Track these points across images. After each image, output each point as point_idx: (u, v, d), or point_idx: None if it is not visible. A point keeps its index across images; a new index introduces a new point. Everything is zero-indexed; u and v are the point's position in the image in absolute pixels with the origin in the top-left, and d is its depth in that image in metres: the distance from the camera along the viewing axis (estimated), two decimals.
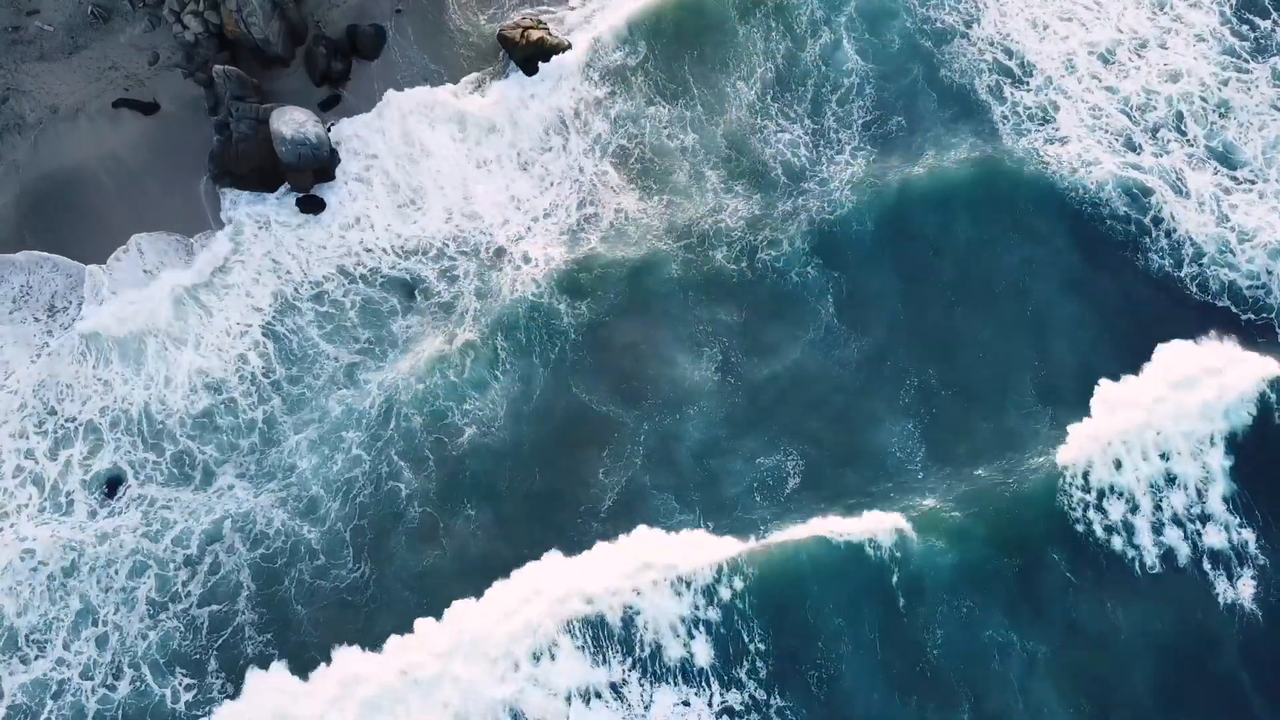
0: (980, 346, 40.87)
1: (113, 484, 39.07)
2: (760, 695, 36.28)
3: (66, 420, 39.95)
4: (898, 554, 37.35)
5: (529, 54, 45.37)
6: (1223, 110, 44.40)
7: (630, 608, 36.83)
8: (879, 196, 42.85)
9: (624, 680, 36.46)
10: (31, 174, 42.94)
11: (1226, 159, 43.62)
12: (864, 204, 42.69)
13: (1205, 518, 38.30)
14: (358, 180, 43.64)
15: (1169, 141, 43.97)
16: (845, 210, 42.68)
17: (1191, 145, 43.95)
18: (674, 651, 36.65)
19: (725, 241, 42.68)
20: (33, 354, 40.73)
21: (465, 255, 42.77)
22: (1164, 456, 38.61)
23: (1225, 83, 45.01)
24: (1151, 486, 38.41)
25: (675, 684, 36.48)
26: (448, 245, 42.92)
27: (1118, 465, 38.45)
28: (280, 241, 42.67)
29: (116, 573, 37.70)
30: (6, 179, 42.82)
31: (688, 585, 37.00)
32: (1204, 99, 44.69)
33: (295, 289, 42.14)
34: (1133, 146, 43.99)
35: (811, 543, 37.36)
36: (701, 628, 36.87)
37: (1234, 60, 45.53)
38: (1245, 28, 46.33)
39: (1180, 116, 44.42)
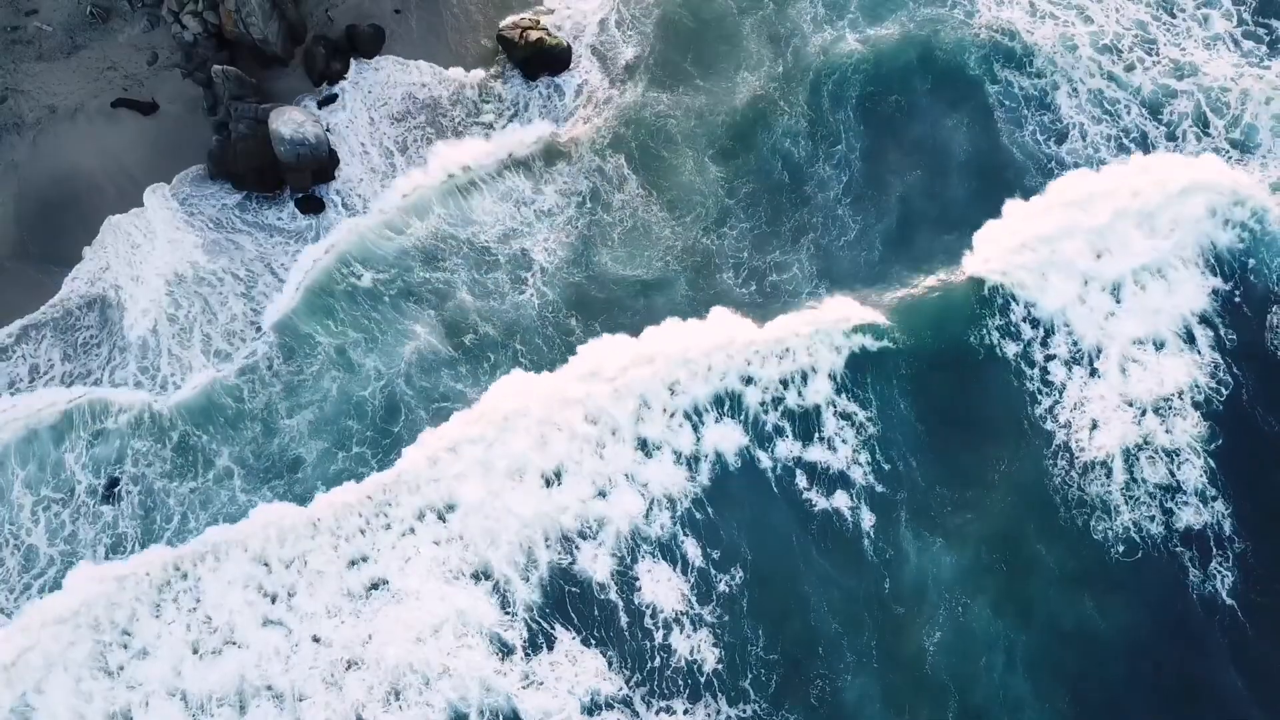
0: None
1: (111, 483, 38.98)
2: None
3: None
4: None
5: (528, 54, 45.44)
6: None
7: None
8: None
9: None
10: (30, 174, 42.90)
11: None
12: None
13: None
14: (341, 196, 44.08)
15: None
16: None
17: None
18: None
19: None
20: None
21: (460, 253, 43.00)
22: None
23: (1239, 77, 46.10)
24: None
25: None
26: (448, 245, 43.20)
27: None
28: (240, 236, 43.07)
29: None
30: (5, 179, 42.75)
31: None
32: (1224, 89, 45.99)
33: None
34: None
35: None
36: None
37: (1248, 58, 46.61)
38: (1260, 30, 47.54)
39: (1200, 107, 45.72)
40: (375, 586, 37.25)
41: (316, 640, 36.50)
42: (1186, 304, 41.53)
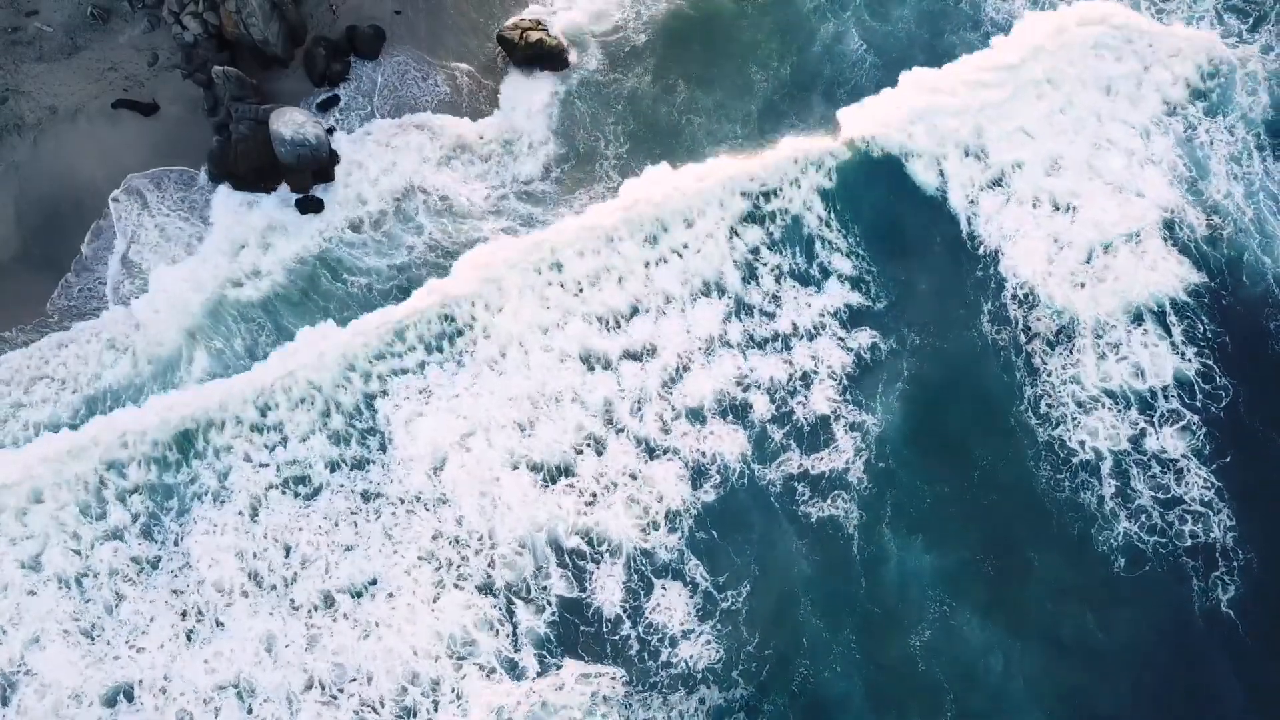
0: None
1: None
2: None
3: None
4: None
5: (527, 55, 45.49)
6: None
7: None
8: None
9: None
10: (31, 175, 43.00)
11: None
12: None
13: None
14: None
15: None
16: None
17: None
18: None
19: None
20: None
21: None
22: None
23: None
24: None
25: None
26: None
27: None
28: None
29: None
30: (5, 179, 42.86)
31: None
32: None
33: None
34: None
35: None
36: None
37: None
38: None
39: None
40: (373, 583, 37.47)
41: (311, 645, 36.65)
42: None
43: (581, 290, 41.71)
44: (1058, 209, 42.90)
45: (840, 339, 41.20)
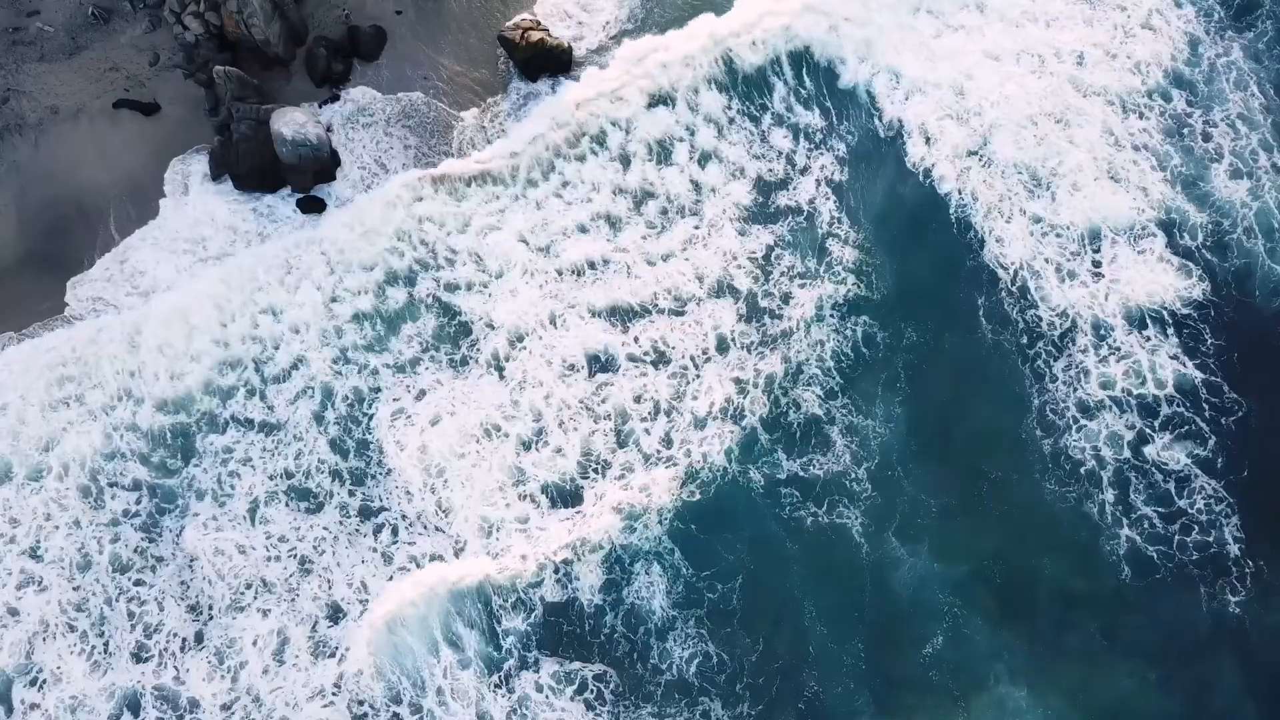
0: None
1: None
2: None
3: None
4: None
5: (528, 55, 45.17)
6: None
7: None
8: None
9: None
10: (32, 175, 43.03)
11: None
12: None
13: None
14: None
15: None
16: None
17: None
18: None
19: None
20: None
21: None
22: None
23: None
24: None
25: None
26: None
27: None
28: None
29: None
30: (7, 179, 42.90)
31: None
32: None
33: None
34: None
35: None
36: None
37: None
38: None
39: None
40: (370, 598, 37.21)
41: (317, 653, 36.54)
42: None
43: (580, 279, 41.54)
44: (1041, 186, 42.27)
45: (839, 331, 40.68)
